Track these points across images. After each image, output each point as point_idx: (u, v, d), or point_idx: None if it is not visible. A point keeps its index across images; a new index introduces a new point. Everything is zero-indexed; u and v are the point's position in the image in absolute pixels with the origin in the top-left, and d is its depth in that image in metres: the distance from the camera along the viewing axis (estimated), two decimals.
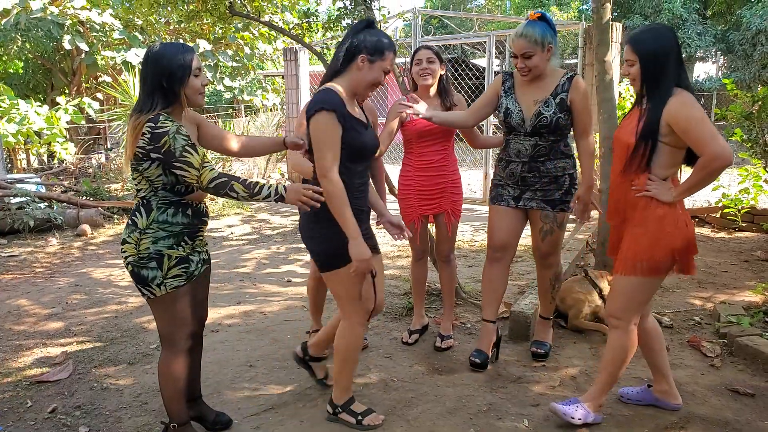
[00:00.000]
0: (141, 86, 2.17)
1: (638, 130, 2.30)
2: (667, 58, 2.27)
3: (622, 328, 2.42)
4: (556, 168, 2.93)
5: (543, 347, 3.23)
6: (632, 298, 2.38)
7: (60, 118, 10.04)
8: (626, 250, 2.38)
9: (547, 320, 3.34)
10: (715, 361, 3.09)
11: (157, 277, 2.19)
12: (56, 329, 3.91)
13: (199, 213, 2.31)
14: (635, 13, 17.20)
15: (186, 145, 2.10)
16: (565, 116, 2.84)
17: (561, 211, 2.98)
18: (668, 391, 2.62)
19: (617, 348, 2.44)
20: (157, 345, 3.56)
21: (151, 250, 2.18)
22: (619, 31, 6.74)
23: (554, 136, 2.89)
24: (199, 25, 5.91)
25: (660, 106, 2.26)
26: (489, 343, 3.15)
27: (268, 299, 4.42)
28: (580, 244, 5.17)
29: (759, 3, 16.01)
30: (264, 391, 2.95)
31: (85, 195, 8.11)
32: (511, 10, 23.69)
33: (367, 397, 2.84)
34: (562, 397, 2.78)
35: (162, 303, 2.25)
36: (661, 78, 2.28)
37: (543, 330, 3.34)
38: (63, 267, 5.55)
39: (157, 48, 2.16)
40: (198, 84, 2.20)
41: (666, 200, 2.29)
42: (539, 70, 2.83)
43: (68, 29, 10.35)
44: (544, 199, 2.96)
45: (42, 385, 3.08)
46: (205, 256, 2.41)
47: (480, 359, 3.08)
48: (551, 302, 3.29)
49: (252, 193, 2.14)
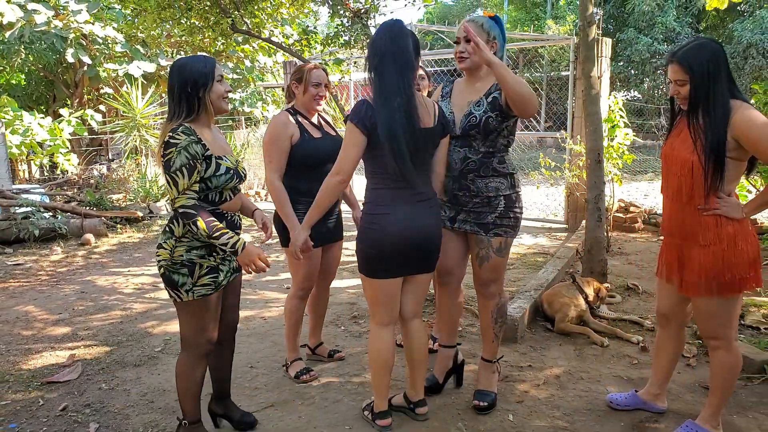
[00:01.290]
0: (169, 96, 2.29)
1: (704, 148, 2.20)
2: (718, 72, 2.20)
3: (724, 347, 2.36)
4: (488, 188, 2.62)
5: (486, 398, 2.80)
6: (724, 317, 2.33)
7: (63, 130, 10.24)
8: (701, 271, 2.30)
9: (489, 363, 2.88)
10: (691, 361, 3.26)
11: (187, 283, 2.29)
12: (64, 334, 4.06)
13: (233, 224, 2.41)
14: (629, 26, 17.47)
15: (184, 166, 2.17)
16: (496, 117, 2.55)
17: (496, 236, 2.66)
18: (659, 395, 2.74)
19: (725, 367, 2.38)
20: (161, 349, 3.72)
21: (184, 257, 2.27)
22: (608, 45, 6.95)
23: (485, 145, 2.60)
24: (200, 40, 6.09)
25: (723, 121, 2.18)
26: (443, 369, 2.99)
27: (268, 305, 4.58)
28: (570, 252, 5.34)
29: (750, 17, 16.29)
30: (264, 390, 3.11)
31: (88, 205, 8.29)
32: (508, 23, 24.01)
33: (362, 395, 3.00)
34: (548, 395, 2.95)
35: (188, 307, 2.34)
36: (715, 94, 2.20)
37: (486, 376, 2.88)
38: (68, 275, 5.71)
39: (182, 60, 2.29)
40: (221, 89, 2.32)
41: (736, 217, 2.23)
42: (475, 62, 2.58)
43: (71, 42, 10.57)
44: (477, 222, 2.66)
45: (52, 386, 3.24)
46: (235, 264, 2.46)
47: (428, 383, 2.92)
48: (494, 341, 2.86)
49: (210, 236, 2.19)
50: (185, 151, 2.18)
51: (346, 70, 6.31)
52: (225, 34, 5.55)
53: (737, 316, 2.37)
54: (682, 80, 2.26)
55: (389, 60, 2.29)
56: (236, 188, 2.44)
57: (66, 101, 13.05)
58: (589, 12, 4.35)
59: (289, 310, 3.21)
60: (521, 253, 6.05)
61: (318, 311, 3.44)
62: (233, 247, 2.22)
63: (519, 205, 2.71)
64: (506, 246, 2.71)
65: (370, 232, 2.41)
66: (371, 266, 2.45)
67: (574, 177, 6.59)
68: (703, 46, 2.26)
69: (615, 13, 18.47)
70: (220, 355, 2.62)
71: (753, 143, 2.15)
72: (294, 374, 3.20)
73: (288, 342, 3.27)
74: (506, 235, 2.68)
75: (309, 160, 3.00)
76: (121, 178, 10.40)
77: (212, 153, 2.28)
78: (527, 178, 7.65)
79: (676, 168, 2.33)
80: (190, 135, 2.22)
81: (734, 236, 2.25)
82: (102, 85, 12.15)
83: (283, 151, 2.95)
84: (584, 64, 4.43)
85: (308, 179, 2.98)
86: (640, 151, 13.49)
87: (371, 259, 2.43)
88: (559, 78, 15.53)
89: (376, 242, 2.40)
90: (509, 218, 2.66)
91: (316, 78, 3.03)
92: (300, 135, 2.98)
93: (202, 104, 2.29)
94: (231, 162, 2.37)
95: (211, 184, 2.29)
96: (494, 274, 2.74)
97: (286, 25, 9.25)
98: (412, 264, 2.48)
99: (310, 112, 3.11)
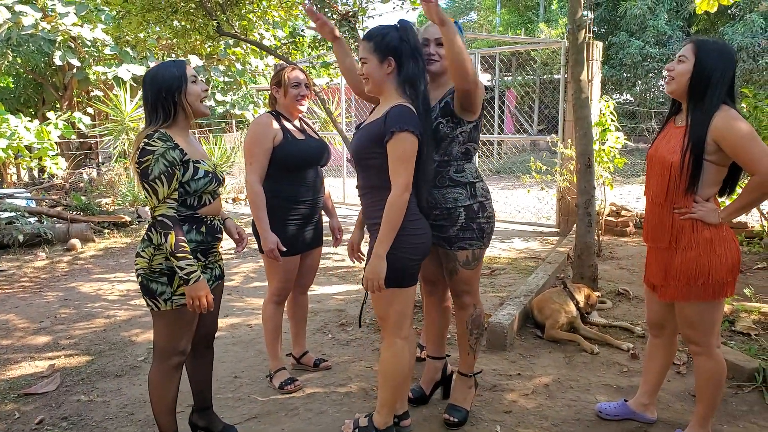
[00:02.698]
0: (144, 107, 2.24)
1: (683, 148, 2.20)
2: (722, 76, 2.18)
3: (705, 354, 2.34)
4: (445, 198, 2.52)
5: (457, 414, 2.70)
6: (702, 323, 2.30)
7: (50, 133, 10.12)
8: (680, 275, 2.28)
9: (466, 378, 2.77)
10: (681, 369, 3.21)
11: (166, 292, 2.23)
12: (44, 343, 3.98)
13: (213, 230, 2.35)
14: (621, 30, 17.52)
15: (163, 174, 2.12)
16: (447, 122, 2.47)
17: (460, 249, 2.54)
18: (648, 405, 2.69)
19: (708, 374, 2.35)
20: (144, 358, 3.64)
21: (163, 265, 2.21)
22: (599, 49, 6.93)
23: (438, 153, 2.50)
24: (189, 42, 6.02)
25: (705, 122, 2.16)
26: (429, 380, 2.92)
27: (254, 312, 4.51)
28: (560, 257, 5.30)
29: (741, 21, 16.38)
30: (247, 401, 3.04)
31: (75, 209, 8.19)
32: (500, 27, 24.05)
33: (347, 406, 2.93)
34: (536, 404, 2.90)
35: (165, 317, 2.28)
36: (709, 92, 2.17)
37: (461, 390, 2.77)
38: (51, 281, 5.62)
39: (152, 69, 2.25)
40: (198, 90, 2.26)
41: (712, 222, 2.21)
42: (444, 67, 2.50)
43: (60, 45, 10.47)
44: (440, 236, 2.55)
45: (29, 397, 3.15)
46: (218, 272, 2.44)
47: (414, 395, 2.87)
48: (470, 353, 2.73)
49: (172, 254, 2.13)
50: (163, 159, 2.13)
51: (334, 73, 6.24)
52: (211, 36, 5.47)
53: (718, 322, 2.34)
54: (685, 58, 2.22)
55: (421, 67, 2.28)
56: (216, 192, 2.38)
57: (55, 104, 12.94)
58: (579, 15, 4.31)
59: (265, 316, 3.15)
60: (512, 258, 6.01)
61: (297, 317, 3.37)
62: (187, 275, 2.14)
63: (484, 215, 2.56)
64: (474, 258, 2.58)
65: (410, 239, 2.29)
66: (406, 275, 2.33)
67: (565, 181, 6.55)
68: (723, 45, 2.24)
69: (607, 16, 18.52)
70: (199, 366, 2.56)
71: (731, 148, 2.14)
72: (278, 385, 3.13)
73: (269, 350, 3.20)
74: (472, 248, 2.55)
75: (291, 162, 2.96)
76: (109, 181, 10.30)
77: (190, 157, 2.23)
78: (519, 181, 7.61)
79: (657, 169, 2.32)
80: (166, 141, 2.16)
81: (711, 241, 2.23)
82: (91, 87, 12.05)
83: (265, 152, 2.91)
84: (574, 67, 4.38)
85: (289, 182, 2.96)
86: (632, 154, 13.51)
87: (410, 267, 2.33)
88: (552, 81, 15.55)
89: (419, 248, 2.33)
90: (472, 230, 2.53)
91: (294, 79, 3.00)
92: (283, 136, 2.94)
93: (179, 108, 2.24)
94: (209, 166, 2.32)
95: (190, 189, 2.24)
96: (466, 285, 2.63)
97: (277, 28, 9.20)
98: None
99: (292, 114, 3.07)
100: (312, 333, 3.94)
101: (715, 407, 2.42)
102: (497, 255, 6.11)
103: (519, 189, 10.52)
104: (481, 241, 2.57)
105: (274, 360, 3.20)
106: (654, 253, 2.43)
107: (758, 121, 4.98)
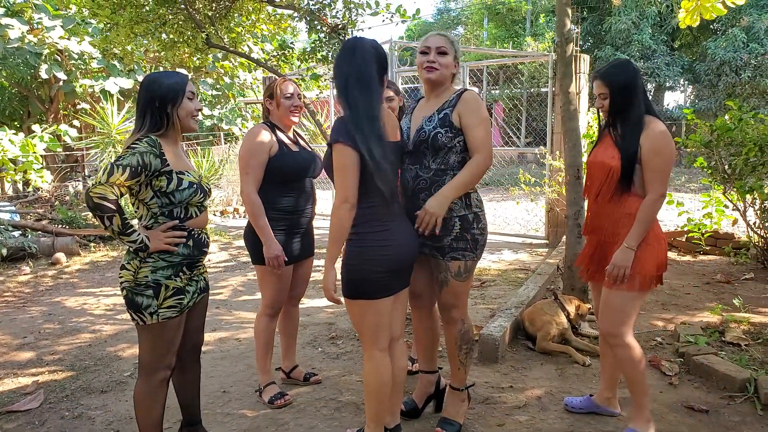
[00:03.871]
0: (136, 111, 2.23)
1: (621, 154, 2.46)
2: (635, 88, 2.48)
3: (621, 344, 2.51)
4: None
5: (450, 428, 2.69)
6: (624, 312, 2.49)
7: (36, 146, 10.02)
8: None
9: (458, 391, 2.76)
10: (673, 380, 3.21)
11: (152, 305, 2.19)
12: (27, 359, 3.89)
13: (200, 243, 2.34)
14: (607, 44, 17.76)
15: (129, 166, 2.06)
16: (446, 132, 2.45)
17: (453, 260, 2.52)
18: (611, 399, 2.85)
19: (629, 360, 2.51)
20: (131, 373, 3.57)
21: (149, 278, 2.19)
22: (587, 62, 7.00)
23: (436, 162, 2.49)
24: (177, 55, 6.00)
25: (637, 131, 2.44)
26: (422, 394, 2.90)
27: (243, 326, 4.45)
28: (550, 268, 5.30)
29: (723, 36, 16.67)
30: (237, 416, 2.99)
31: (60, 223, 8.08)
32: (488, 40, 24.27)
33: (338, 420, 2.89)
34: (529, 417, 2.87)
35: (150, 331, 2.24)
36: (631, 106, 2.47)
37: (453, 404, 2.76)
38: (36, 296, 5.52)
39: (152, 75, 2.23)
40: (191, 107, 2.26)
41: (628, 261, 2.42)
42: (444, 76, 2.52)
43: (46, 58, 10.39)
44: (433, 245, 2.53)
45: (12, 415, 3.08)
46: (202, 284, 2.42)
47: (406, 408, 2.84)
48: (460, 368, 2.71)
49: (123, 232, 2.10)
50: (139, 156, 2.10)
51: (324, 86, 6.24)
52: (200, 49, 5.46)
53: (634, 314, 2.52)
54: (605, 94, 2.54)
55: (353, 80, 2.24)
56: (203, 204, 2.36)
57: (41, 117, 12.82)
58: (567, 28, 4.35)
59: (258, 329, 3.11)
60: (502, 269, 6.00)
61: (288, 331, 3.33)
62: (141, 242, 2.14)
63: (478, 227, 2.54)
64: (466, 270, 2.55)
65: (373, 251, 2.28)
66: (373, 287, 2.31)
67: (554, 193, 6.58)
68: (621, 65, 2.55)
69: (593, 30, 18.77)
70: (186, 381, 2.52)
71: (646, 160, 2.41)
72: (268, 399, 3.08)
73: (259, 364, 3.15)
74: (465, 259, 2.53)
75: (287, 173, 2.96)
76: None
77: (173, 168, 2.21)
78: (507, 193, 7.63)
79: (597, 173, 2.58)
80: (152, 147, 2.16)
81: (646, 236, 2.45)
82: (78, 100, 11.96)
83: (261, 163, 2.90)
84: (562, 80, 4.41)
85: (284, 193, 2.97)
86: None
87: (373, 280, 2.29)
88: (539, 94, 15.69)
89: (382, 260, 2.28)
90: (466, 240, 2.51)
91: (286, 90, 3.02)
92: (278, 148, 2.95)
93: (170, 120, 2.23)
94: (194, 177, 2.30)
95: (175, 199, 2.22)
96: (455, 299, 2.59)
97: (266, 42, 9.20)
98: (404, 278, 2.43)
99: (286, 125, 3.08)
100: (302, 347, 3.90)
101: (647, 391, 2.57)
102: (487, 267, 6.10)
103: (507, 201, 10.55)
104: (474, 253, 2.55)
105: (264, 374, 3.15)
106: (592, 243, 2.69)
107: (743, 133, 5.04)
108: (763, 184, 5.11)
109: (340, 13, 5.21)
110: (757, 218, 5.43)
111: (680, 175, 14.22)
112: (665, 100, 20.89)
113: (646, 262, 2.44)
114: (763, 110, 8.22)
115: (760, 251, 5.60)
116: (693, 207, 6.79)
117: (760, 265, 5.60)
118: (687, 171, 15.10)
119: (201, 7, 5.47)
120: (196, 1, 5.40)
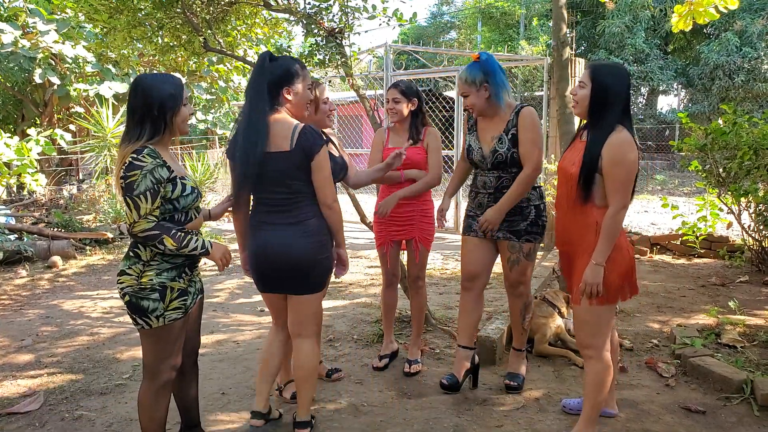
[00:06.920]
0: (129, 116, 2.19)
1: (583, 160, 2.38)
2: (617, 95, 2.38)
3: (596, 357, 2.48)
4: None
5: (516, 380, 3.20)
6: (597, 325, 2.45)
7: (31, 150, 9.98)
8: (580, 277, 2.43)
9: (519, 351, 3.31)
10: (670, 381, 3.24)
11: (158, 308, 2.19)
12: (26, 361, 3.89)
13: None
14: (600, 48, 17.87)
15: (148, 190, 2.10)
16: (518, 150, 2.94)
17: (527, 242, 3.02)
18: (608, 400, 2.81)
19: (596, 375, 2.49)
20: (129, 375, 3.57)
21: (155, 282, 2.19)
22: (582, 65, 7.04)
23: (516, 168, 2.96)
24: (173, 59, 6.00)
25: (601, 141, 2.35)
26: (461, 369, 3.17)
27: (240, 328, 4.46)
28: (546, 271, 5.33)
29: (716, 40, 16.80)
30: (235, 419, 2.99)
31: (56, 226, 8.06)
32: (482, 44, 24.36)
33: (338, 422, 2.90)
34: (527, 419, 2.89)
35: (155, 334, 2.24)
36: (606, 112, 2.37)
37: (516, 362, 3.30)
38: (32, 299, 5.51)
39: (148, 79, 2.20)
40: (186, 112, 2.28)
41: (599, 278, 2.35)
42: (479, 108, 2.98)
43: (40, 62, 10.37)
44: (509, 230, 3.01)
45: (12, 417, 3.07)
46: (199, 286, 2.44)
47: (448, 381, 3.14)
48: (522, 333, 3.27)
49: (180, 246, 2.16)
50: (151, 175, 2.12)
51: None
52: (197, 53, 5.46)
53: (609, 325, 2.49)
54: (584, 83, 2.44)
55: (246, 90, 2.48)
56: (198, 207, 2.39)
57: (35, 121, 12.78)
58: (563, 32, 4.40)
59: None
60: (498, 272, 6.01)
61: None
62: (204, 247, 2.24)
63: (545, 214, 3.07)
64: (534, 251, 3.08)
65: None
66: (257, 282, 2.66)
67: (550, 196, 6.61)
68: (616, 67, 2.48)
69: (586, 34, 18.87)
70: (184, 384, 2.52)
71: (607, 169, 2.32)
72: (290, 396, 3.11)
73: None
74: (535, 241, 3.05)
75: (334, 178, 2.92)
76: (91, 198, 10.17)
77: (176, 174, 2.22)
78: None
79: (562, 179, 2.56)
80: (156, 158, 2.15)
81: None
82: (72, 104, 11.93)
83: None
84: (558, 83, 4.46)
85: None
86: None
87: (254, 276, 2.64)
88: (533, 98, 15.74)
89: (247, 260, 2.64)
90: (538, 225, 3.04)
91: (323, 94, 3.00)
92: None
93: (168, 127, 2.23)
94: (192, 181, 2.33)
95: (179, 205, 2.24)
96: (522, 276, 3.10)
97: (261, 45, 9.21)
98: (274, 282, 2.58)
99: (323, 129, 3.02)
100: None
101: (600, 405, 2.55)
102: None
103: None
104: (541, 237, 3.07)
105: (283, 372, 3.15)
106: (563, 256, 2.65)
107: (738, 136, 5.09)
108: (758, 188, 5.16)
109: (337, 17, 5.23)
110: (751, 221, 5.48)
111: (673, 178, 14.32)
112: (659, 104, 21.02)
113: (610, 272, 2.37)
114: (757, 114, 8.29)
115: (755, 254, 5.65)
116: (687, 210, 6.85)
117: (755, 268, 5.64)
118: (680, 174, 15.21)
119: (198, 11, 5.48)
120: (194, 4, 5.41)
